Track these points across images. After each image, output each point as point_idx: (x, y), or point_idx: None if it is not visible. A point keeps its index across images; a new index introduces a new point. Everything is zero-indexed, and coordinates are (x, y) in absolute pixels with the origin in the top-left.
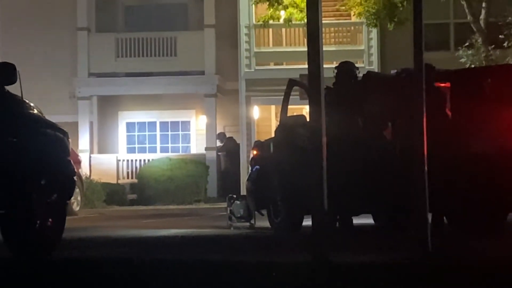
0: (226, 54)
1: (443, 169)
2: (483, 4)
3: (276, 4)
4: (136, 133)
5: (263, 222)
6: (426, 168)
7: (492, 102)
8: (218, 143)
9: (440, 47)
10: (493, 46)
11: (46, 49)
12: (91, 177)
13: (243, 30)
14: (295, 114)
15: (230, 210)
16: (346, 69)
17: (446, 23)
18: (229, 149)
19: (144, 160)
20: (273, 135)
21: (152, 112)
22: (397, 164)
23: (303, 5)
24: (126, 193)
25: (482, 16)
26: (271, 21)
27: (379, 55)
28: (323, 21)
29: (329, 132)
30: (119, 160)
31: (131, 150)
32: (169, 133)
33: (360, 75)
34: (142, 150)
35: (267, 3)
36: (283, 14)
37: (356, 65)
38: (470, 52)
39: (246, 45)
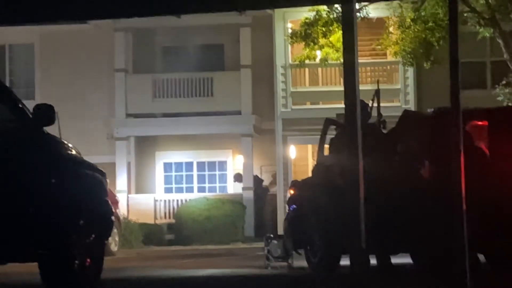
0: (262, 94)
1: (481, 208)
2: None
3: (312, 44)
4: (173, 173)
5: (300, 262)
6: (464, 206)
7: None
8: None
9: (476, 85)
10: None
11: (84, 90)
12: (129, 217)
13: (280, 70)
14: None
15: (267, 250)
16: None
17: (482, 62)
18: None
19: (182, 200)
20: (310, 175)
21: (189, 152)
22: (435, 203)
23: (339, 45)
24: (163, 233)
25: None
26: (307, 61)
27: (415, 94)
28: (359, 61)
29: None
30: (157, 200)
31: (168, 190)
32: (206, 173)
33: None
34: (179, 190)
35: (303, 43)
36: (319, 54)
37: (393, 104)
38: (507, 90)
39: (282, 85)
